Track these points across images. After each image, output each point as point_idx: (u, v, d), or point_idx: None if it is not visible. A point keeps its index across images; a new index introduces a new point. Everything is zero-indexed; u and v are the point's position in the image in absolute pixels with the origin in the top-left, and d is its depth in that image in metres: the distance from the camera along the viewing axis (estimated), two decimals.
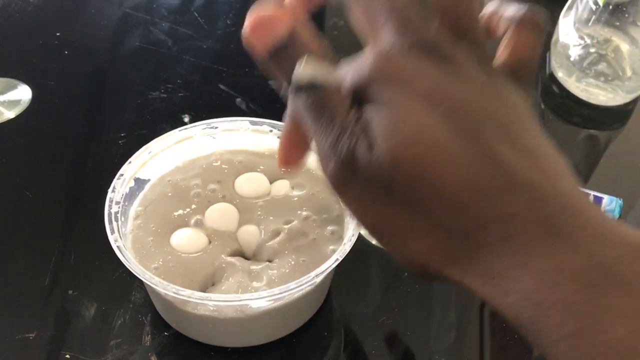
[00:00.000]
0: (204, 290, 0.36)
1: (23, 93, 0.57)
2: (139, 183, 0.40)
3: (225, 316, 0.36)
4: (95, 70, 0.61)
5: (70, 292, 0.41)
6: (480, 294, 0.22)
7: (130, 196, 0.39)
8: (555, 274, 0.20)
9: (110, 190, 0.38)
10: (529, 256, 0.21)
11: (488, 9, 0.27)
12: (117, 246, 0.34)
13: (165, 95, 0.57)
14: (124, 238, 0.37)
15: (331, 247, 0.37)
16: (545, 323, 0.20)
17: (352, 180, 0.22)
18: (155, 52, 0.62)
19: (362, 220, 0.24)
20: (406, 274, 0.43)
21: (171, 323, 0.39)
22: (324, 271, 0.34)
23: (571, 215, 0.21)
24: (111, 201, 0.37)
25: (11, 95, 0.56)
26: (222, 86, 0.58)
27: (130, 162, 0.39)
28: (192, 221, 0.39)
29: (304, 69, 0.23)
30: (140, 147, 0.51)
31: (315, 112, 0.23)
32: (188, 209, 0.39)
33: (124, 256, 0.34)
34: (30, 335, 0.39)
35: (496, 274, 0.21)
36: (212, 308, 0.35)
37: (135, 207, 0.39)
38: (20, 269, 0.43)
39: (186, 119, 0.54)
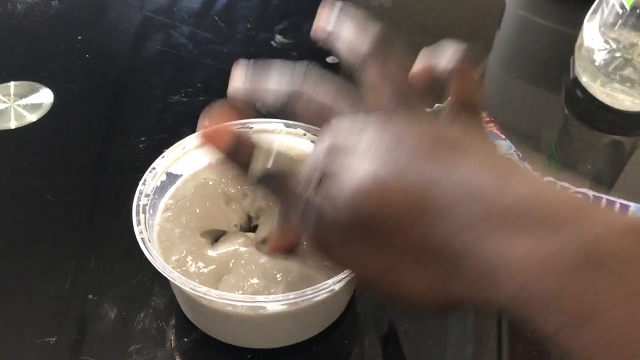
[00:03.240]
0: (220, 278, 0.36)
1: (45, 96, 0.57)
2: (171, 177, 0.40)
3: (241, 314, 0.35)
4: (116, 74, 0.61)
5: (90, 296, 0.41)
6: (483, 303, 0.23)
7: (161, 190, 0.39)
8: (538, 266, 0.21)
9: (141, 182, 0.38)
10: (506, 252, 0.22)
11: (420, 63, 0.31)
12: (142, 238, 0.34)
13: (185, 99, 0.57)
14: (150, 229, 0.37)
15: None
16: (539, 317, 0.21)
17: (329, 239, 0.26)
18: (175, 55, 0.63)
19: (359, 273, 0.27)
20: None
21: (189, 316, 0.39)
22: (342, 279, 0.33)
23: (536, 206, 0.22)
24: (140, 193, 0.37)
25: (33, 99, 0.57)
26: None
27: (163, 157, 0.39)
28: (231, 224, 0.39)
29: (255, 164, 0.28)
30: (161, 151, 0.51)
31: (279, 196, 0.28)
32: (222, 209, 0.39)
33: (147, 249, 0.34)
34: (51, 339, 0.39)
35: (485, 277, 0.22)
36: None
37: (165, 200, 0.39)
38: (40, 273, 0.43)
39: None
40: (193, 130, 0.53)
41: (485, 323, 0.41)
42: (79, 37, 0.64)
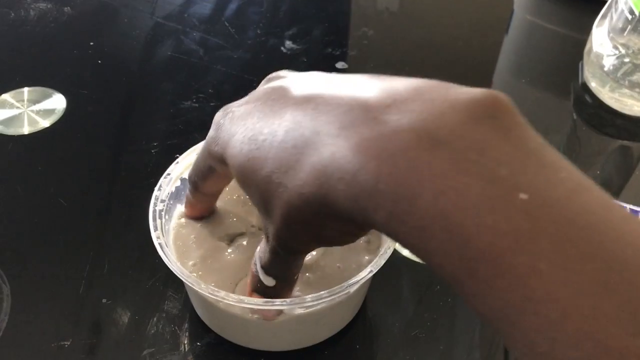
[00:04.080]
0: (238, 281, 0.36)
1: (57, 102, 0.58)
2: (185, 183, 0.40)
3: (256, 318, 0.36)
4: (128, 80, 0.62)
5: (104, 300, 0.42)
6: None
7: (176, 195, 0.40)
8: (369, 152, 0.21)
9: (156, 188, 0.38)
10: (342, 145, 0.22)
11: None
12: (159, 243, 0.35)
13: (196, 105, 0.58)
14: (166, 234, 0.37)
15: (367, 257, 0.37)
16: (369, 209, 0.21)
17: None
18: (186, 61, 0.63)
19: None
20: (438, 286, 0.43)
21: (204, 319, 0.40)
22: (357, 281, 0.34)
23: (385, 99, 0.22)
24: (157, 199, 0.38)
25: (46, 104, 0.57)
26: None
27: (177, 162, 0.40)
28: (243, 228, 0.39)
29: None
30: (173, 156, 0.52)
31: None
32: (239, 210, 0.40)
33: (165, 254, 0.34)
34: (66, 342, 0.39)
35: (326, 182, 0.23)
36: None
37: (180, 205, 0.40)
38: (55, 277, 0.43)
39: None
40: (204, 136, 0.54)
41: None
42: (91, 43, 0.65)
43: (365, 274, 0.34)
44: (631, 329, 0.17)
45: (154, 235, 0.35)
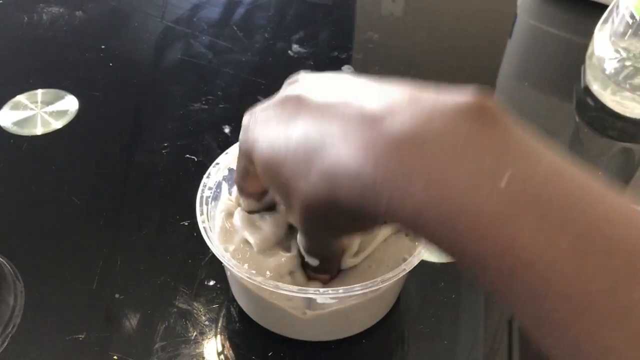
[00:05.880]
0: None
1: (70, 104, 0.59)
2: (232, 173, 0.42)
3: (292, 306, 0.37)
4: (139, 82, 0.63)
5: (117, 295, 0.43)
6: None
7: (223, 183, 0.41)
8: (362, 153, 0.24)
9: (205, 175, 0.40)
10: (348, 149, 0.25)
11: None
12: (204, 227, 0.36)
13: (206, 107, 0.59)
14: (211, 219, 0.39)
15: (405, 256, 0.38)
16: (370, 204, 0.24)
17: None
18: (195, 64, 0.64)
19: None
20: (442, 283, 0.44)
21: (242, 305, 0.41)
22: (390, 277, 0.35)
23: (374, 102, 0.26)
24: (204, 186, 0.39)
25: (59, 106, 0.59)
26: (260, 98, 0.59)
27: (227, 153, 0.42)
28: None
29: None
30: (183, 157, 0.53)
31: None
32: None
33: (208, 237, 0.36)
34: (80, 336, 0.40)
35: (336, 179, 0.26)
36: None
37: (226, 194, 0.41)
38: (69, 273, 0.44)
39: (227, 130, 0.56)
40: (214, 137, 0.55)
41: (497, 325, 0.43)
42: (103, 47, 0.66)
43: (399, 271, 0.35)
44: (607, 285, 0.20)
45: (199, 219, 0.37)
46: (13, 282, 0.43)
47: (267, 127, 0.29)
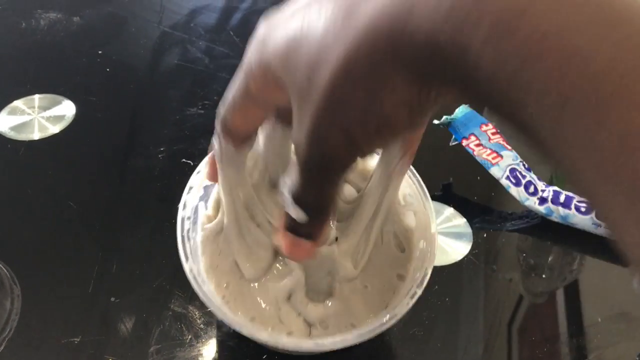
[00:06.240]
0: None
1: (67, 109, 0.59)
2: (208, 189, 0.40)
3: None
4: (136, 87, 0.63)
5: (112, 299, 0.43)
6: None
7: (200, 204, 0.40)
8: None
9: (180, 207, 0.38)
10: None
11: None
12: (193, 276, 0.35)
13: (202, 112, 0.59)
14: (194, 252, 0.37)
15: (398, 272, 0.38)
16: (462, 32, 0.19)
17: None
18: (192, 69, 0.65)
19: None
20: (437, 286, 0.44)
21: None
22: (396, 315, 0.34)
23: None
24: (183, 219, 0.37)
25: (56, 111, 0.59)
26: None
27: (198, 172, 0.40)
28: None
29: None
30: (180, 161, 0.53)
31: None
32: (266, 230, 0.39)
33: (203, 294, 0.34)
34: (76, 339, 0.40)
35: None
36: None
37: (204, 210, 0.39)
38: (65, 277, 0.45)
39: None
40: (209, 141, 0.55)
41: (491, 328, 0.43)
42: (100, 52, 0.66)
43: (406, 306, 0.35)
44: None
45: (186, 267, 0.35)
46: (10, 285, 0.44)
47: (289, 20, 0.24)
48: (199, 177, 0.39)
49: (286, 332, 0.36)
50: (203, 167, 0.39)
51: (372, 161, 0.39)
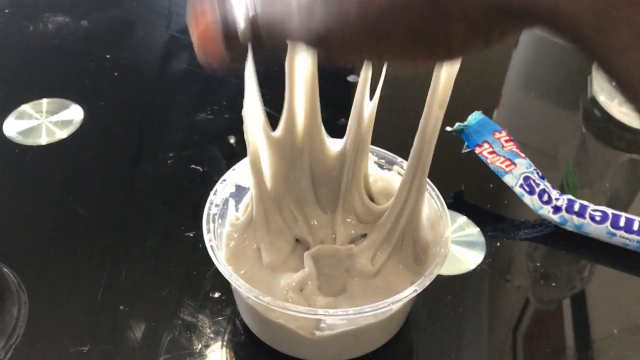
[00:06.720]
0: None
1: (75, 113, 0.59)
2: (239, 190, 0.42)
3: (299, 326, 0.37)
4: (144, 92, 0.63)
5: (121, 307, 0.42)
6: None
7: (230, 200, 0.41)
8: None
9: (212, 192, 0.39)
10: None
11: None
12: (210, 245, 0.36)
13: (211, 117, 0.59)
14: (219, 238, 0.38)
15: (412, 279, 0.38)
16: (610, 34, 0.18)
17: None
18: (201, 74, 0.64)
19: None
20: (449, 296, 0.44)
21: (250, 325, 0.40)
22: (400, 299, 0.34)
23: None
24: (211, 203, 0.39)
25: (64, 115, 0.59)
26: (266, 109, 0.59)
27: (234, 169, 0.41)
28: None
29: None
30: (189, 167, 0.53)
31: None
32: (289, 222, 0.40)
33: (215, 256, 0.35)
34: (84, 348, 0.40)
35: None
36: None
37: (233, 211, 0.41)
38: (72, 285, 0.44)
39: (232, 140, 0.56)
40: (219, 147, 0.55)
41: (504, 338, 0.42)
42: (108, 56, 0.66)
43: (410, 292, 0.34)
44: None
45: (206, 237, 0.36)
46: (17, 292, 0.43)
47: None
48: (234, 174, 0.41)
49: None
50: (239, 166, 0.41)
51: (396, 182, 0.41)
